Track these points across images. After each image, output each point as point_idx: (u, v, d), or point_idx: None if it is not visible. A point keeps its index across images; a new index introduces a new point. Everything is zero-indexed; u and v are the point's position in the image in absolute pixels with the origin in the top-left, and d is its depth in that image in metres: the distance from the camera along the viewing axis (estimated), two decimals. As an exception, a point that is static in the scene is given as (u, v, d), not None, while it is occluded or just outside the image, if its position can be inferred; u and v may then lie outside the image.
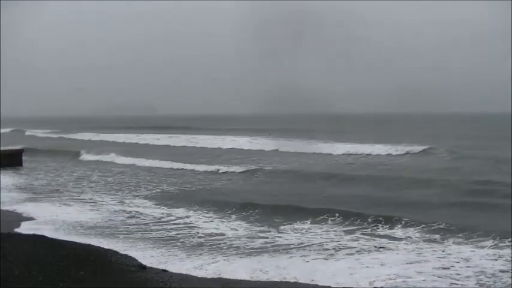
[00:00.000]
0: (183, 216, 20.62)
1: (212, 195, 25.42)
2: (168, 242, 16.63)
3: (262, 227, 18.50)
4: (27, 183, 30.78)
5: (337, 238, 16.70)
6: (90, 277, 11.52)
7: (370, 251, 15.05)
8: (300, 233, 17.51)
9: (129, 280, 12.00)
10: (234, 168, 35.00)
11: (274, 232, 17.75)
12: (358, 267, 13.40)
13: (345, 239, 16.53)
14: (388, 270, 13.01)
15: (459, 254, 14.44)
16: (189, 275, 13.00)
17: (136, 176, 33.82)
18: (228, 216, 20.50)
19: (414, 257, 14.14)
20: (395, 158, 40.52)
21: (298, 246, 15.75)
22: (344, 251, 15.10)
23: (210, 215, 20.89)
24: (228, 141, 57.74)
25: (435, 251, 14.77)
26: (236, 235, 17.46)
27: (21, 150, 42.33)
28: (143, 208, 22.47)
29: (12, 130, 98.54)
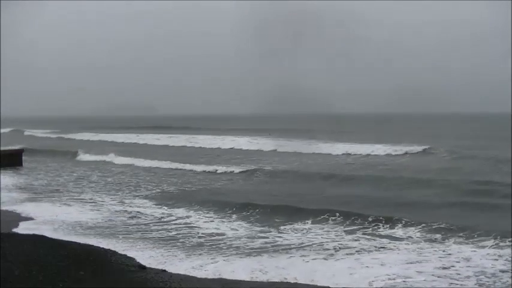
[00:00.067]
0: (184, 216, 20.60)
1: (212, 195, 25.41)
2: (168, 242, 16.61)
3: (262, 227, 18.48)
4: (27, 183, 30.77)
5: (338, 238, 16.68)
6: (90, 277, 11.51)
7: (371, 251, 15.03)
8: (300, 233, 17.49)
9: (129, 280, 11.99)
10: (234, 168, 34.99)
11: (274, 232, 17.73)
12: (358, 267, 13.38)
13: (346, 239, 16.51)
14: (388, 270, 12.99)
15: (460, 253, 14.42)
16: (188, 275, 12.99)
17: (136, 176, 33.80)
18: (228, 216, 20.49)
19: (415, 257, 14.12)
20: (395, 158, 40.52)
21: (299, 246, 15.73)
22: (344, 251, 15.08)
23: (210, 215, 20.88)
24: (228, 141, 57.72)
25: (436, 251, 14.75)
26: (236, 235, 17.44)
27: (21, 150, 42.30)
28: (144, 208, 22.46)
29: (11, 130, 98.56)
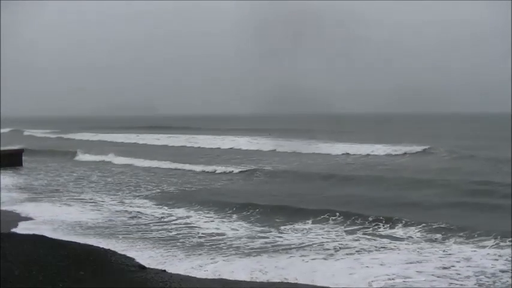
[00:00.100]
0: (184, 216, 20.60)
1: (212, 195, 25.40)
2: (168, 242, 16.60)
3: (262, 227, 18.47)
4: (27, 183, 30.76)
5: (338, 238, 16.67)
6: (90, 277, 11.50)
7: (371, 251, 15.02)
8: (300, 233, 17.47)
9: (129, 280, 11.98)
10: (234, 168, 34.99)
11: (274, 232, 17.72)
12: (358, 267, 13.37)
13: (346, 239, 16.49)
14: (388, 270, 12.98)
15: (460, 253, 14.42)
16: (188, 276, 12.98)
17: (136, 176, 33.80)
18: (228, 216, 20.48)
19: (415, 257, 14.11)
20: (395, 158, 40.53)
21: (299, 247, 15.71)
22: (344, 251, 15.06)
23: (210, 215, 20.87)
24: (227, 141, 57.72)
25: (436, 251, 14.75)
26: (236, 235, 17.44)
27: (21, 150, 42.29)
28: (144, 208, 22.45)
29: (11, 130, 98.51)
